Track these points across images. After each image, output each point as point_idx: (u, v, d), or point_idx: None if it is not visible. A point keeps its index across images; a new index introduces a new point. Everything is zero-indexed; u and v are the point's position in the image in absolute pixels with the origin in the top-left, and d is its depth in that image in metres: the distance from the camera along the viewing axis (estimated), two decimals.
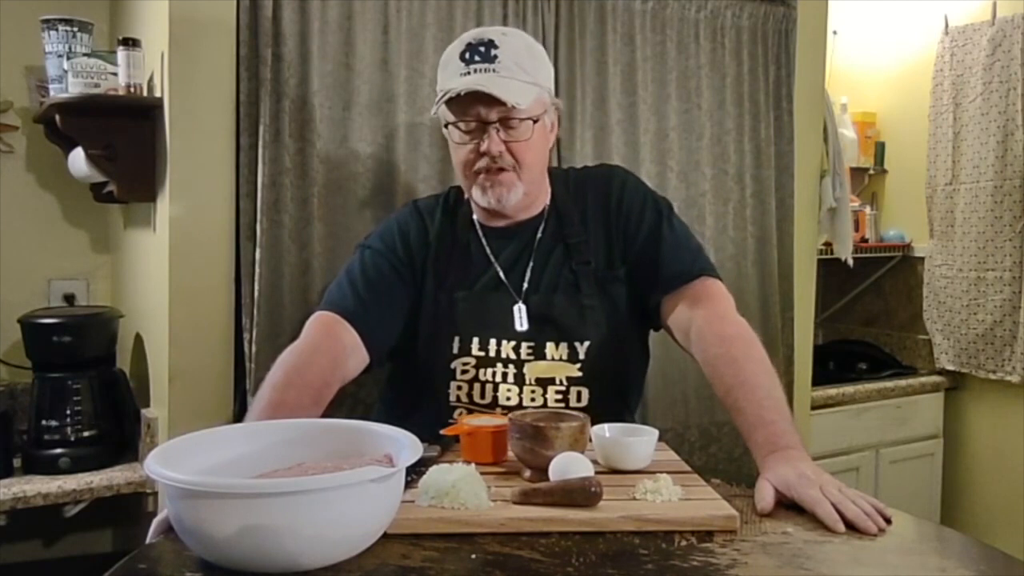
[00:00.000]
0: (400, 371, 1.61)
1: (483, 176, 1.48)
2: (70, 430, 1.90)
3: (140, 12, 1.99)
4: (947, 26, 3.05)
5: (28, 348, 1.97)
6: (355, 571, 0.92)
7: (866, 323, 3.46)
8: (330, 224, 1.87)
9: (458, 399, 1.51)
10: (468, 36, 1.48)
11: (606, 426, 1.28)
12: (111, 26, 2.23)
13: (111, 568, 0.95)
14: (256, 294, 1.80)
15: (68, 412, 1.91)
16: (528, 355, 1.49)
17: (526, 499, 1.08)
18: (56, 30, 1.89)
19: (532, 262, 1.54)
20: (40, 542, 2.24)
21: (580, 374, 1.50)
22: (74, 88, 1.82)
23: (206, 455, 1.05)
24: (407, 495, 1.04)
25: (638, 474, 1.18)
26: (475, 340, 1.50)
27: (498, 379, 1.49)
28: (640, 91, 2.20)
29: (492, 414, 1.43)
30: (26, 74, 2.17)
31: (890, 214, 3.37)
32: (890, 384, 3.03)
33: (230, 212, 1.82)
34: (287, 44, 1.81)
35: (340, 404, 1.65)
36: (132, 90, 1.81)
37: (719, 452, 2.32)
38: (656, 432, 1.27)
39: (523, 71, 1.45)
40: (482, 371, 1.50)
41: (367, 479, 0.92)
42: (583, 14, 2.13)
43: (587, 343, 1.50)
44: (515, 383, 1.49)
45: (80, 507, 1.86)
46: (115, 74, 1.83)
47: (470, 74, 1.43)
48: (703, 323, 1.43)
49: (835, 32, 2.99)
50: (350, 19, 1.87)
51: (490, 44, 1.44)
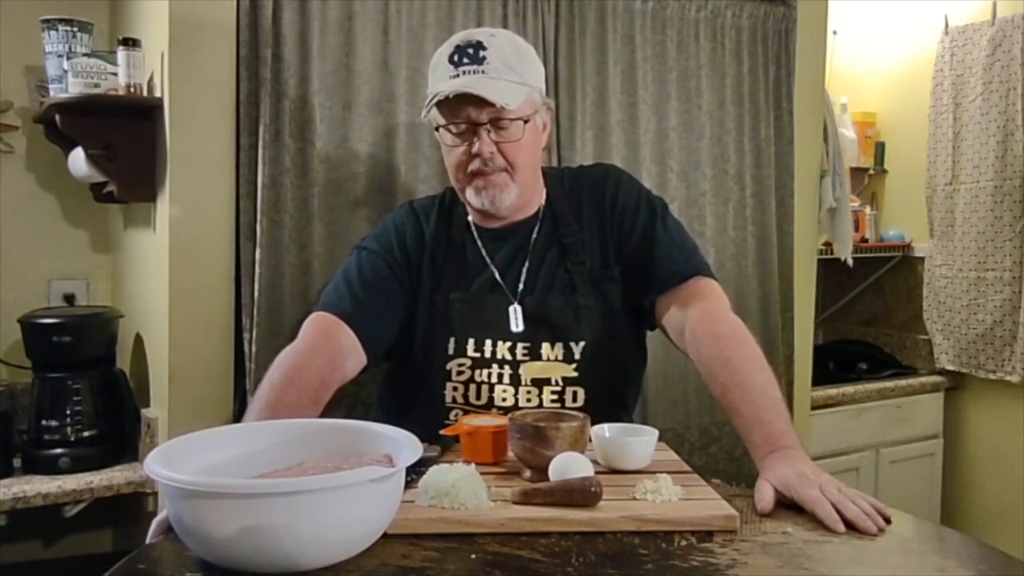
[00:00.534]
0: (396, 372, 1.61)
1: (476, 178, 1.48)
2: (70, 430, 1.90)
3: (140, 12, 1.99)
4: (947, 26, 3.05)
5: (28, 348, 1.97)
6: (355, 571, 0.92)
7: (866, 323, 3.46)
8: (330, 224, 1.87)
9: (454, 400, 1.51)
10: (456, 38, 1.48)
11: (606, 426, 1.28)
12: (111, 26, 2.23)
13: (111, 568, 0.95)
14: (256, 294, 1.80)
15: (68, 412, 1.91)
16: (524, 356, 1.49)
17: (526, 499, 1.08)
18: (56, 30, 1.89)
19: (527, 263, 1.54)
20: (40, 542, 2.24)
21: (576, 374, 1.49)
22: (74, 88, 1.82)
23: (206, 455, 1.05)
24: (407, 495, 1.04)
25: (638, 474, 1.18)
26: (471, 341, 1.50)
27: (494, 380, 1.49)
28: (640, 91, 2.20)
29: (490, 414, 1.43)
30: (26, 74, 2.17)
31: (890, 214, 3.37)
32: (890, 384, 3.03)
33: (230, 212, 1.82)
34: (287, 44, 1.81)
35: (339, 404, 1.65)
36: (132, 90, 1.81)
37: (719, 452, 2.32)
38: (656, 432, 1.27)
39: (512, 72, 1.45)
40: (478, 372, 1.49)
41: (367, 479, 0.92)
42: (583, 14, 2.13)
43: (582, 343, 1.50)
44: (511, 384, 1.49)
45: (80, 507, 1.86)
46: (115, 74, 1.83)
47: (459, 76, 1.43)
48: (696, 323, 1.42)
49: (835, 32, 2.99)
50: (350, 19, 1.87)
51: (478, 46, 1.44)
